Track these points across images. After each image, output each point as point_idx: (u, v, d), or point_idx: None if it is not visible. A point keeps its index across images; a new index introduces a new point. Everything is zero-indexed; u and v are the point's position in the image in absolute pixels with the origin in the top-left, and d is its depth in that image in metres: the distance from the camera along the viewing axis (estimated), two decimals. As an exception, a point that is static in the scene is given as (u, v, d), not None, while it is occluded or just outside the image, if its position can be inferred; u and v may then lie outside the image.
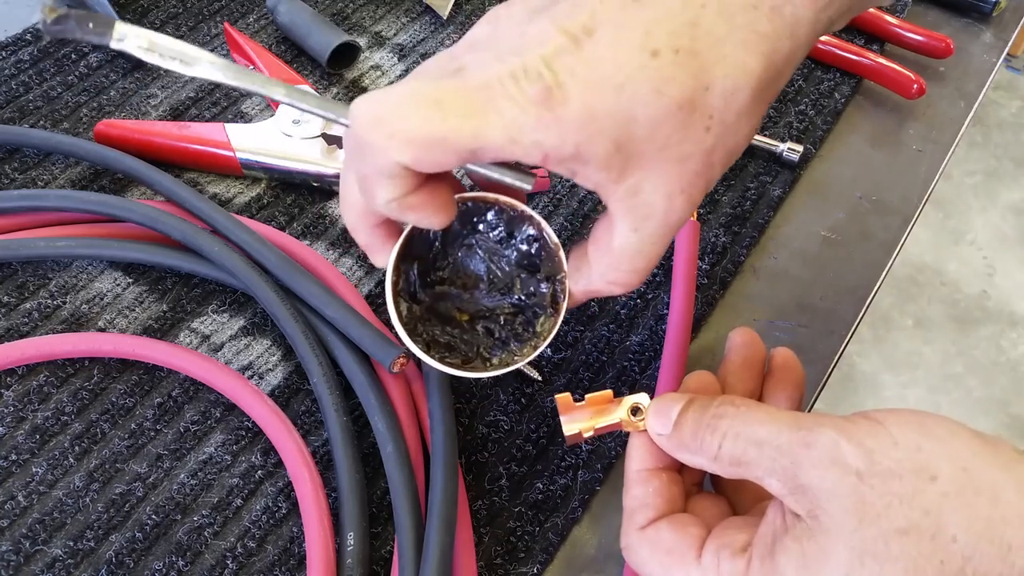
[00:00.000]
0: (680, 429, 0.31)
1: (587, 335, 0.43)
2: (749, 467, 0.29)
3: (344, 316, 0.40)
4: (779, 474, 0.28)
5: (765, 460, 0.28)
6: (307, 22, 0.53)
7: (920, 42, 0.55)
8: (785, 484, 0.28)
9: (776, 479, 0.28)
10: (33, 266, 0.44)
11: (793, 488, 0.27)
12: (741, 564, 0.28)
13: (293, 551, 0.36)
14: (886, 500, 0.26)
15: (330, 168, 0.47)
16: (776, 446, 0.28)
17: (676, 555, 0.30)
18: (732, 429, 0.29)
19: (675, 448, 0.31)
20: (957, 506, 0.26)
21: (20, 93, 0.52)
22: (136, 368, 0.41)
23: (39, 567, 0.35)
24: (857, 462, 0.27)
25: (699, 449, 0.30)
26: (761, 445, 0.28)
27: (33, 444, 0.38)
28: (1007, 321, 1.61)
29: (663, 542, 0.30)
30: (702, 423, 0.30)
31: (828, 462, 0.27)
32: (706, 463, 0.30)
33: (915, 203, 0.50)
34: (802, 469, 0.27)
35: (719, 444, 0.29)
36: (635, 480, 0.32)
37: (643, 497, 0.32)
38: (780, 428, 0.28)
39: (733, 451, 0.29)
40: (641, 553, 0.31)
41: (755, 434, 0.29)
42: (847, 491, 0.26)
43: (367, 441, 0.39)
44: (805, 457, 0.27)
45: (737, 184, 0.49)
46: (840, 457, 0.27)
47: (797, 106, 0.53)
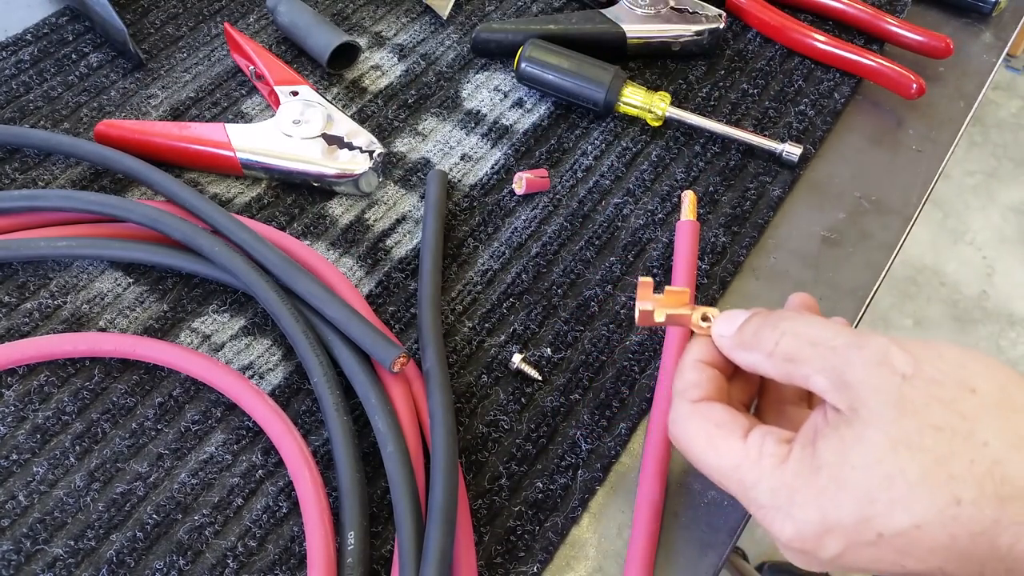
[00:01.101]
0: (743, 330, 0.33)
1: (587, 335, 0.43)
2: (800, 364, 0.30)
3: (344, 316, 0.40)
4: (828, 372, 0.29)
5: (817, 358, 0.30)
6: (307, 22, 0.54)
7: (920, 42, 0.55)
8: (832, 381, 0.29)
9: (824, 376, 0.29)
10: (34, 266, 0.44)
11: (838, 384, 0.29)
12: (784, 449, 0.30)
13: (293, 550, 0.36)
14: (926, 400, 0.27)
15: (330, 168, 0.47)
16: (831, 346, 0.30)
17: (725, 429, 0.31)
18: (792, 329, 0.31)
19: (734, 346, 0.33)
20: (993, 416, 0.27)
21: (20, 93, 0.52)
22: (137, 368, 0.41)
23: (40, 566, 0.35)
24: (904, 366, 0.28)
25: (757, 345, 0.32)
26: (816, 344, 0.30)
27: (34, 444, 0.38)
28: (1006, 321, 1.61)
29: (714, 417, 0.32)
30: (765, 323, 0.32)
31: (876, 362, 0.28)
32: (761, 359, 0.32)
33: (915, 203, 0.50)
34: (851, 366, 0.29)
35: (777, 340, 0.31)
36: (690, 367, 0.34)
37: (697, 380, 0.33)
38: (837, 332, 0.30)
39: (789, 347, 0.31)
40: (690, 424, 0.32)
41: (812, 335, 0.30)
42: (890, 387, 0.28)
43: (367, 441, 0.39)
44: (856, 356, 0.29)
45: (737, 184, 0.49)
46: (888, 359, 0.28)
47: (797, 106, 0.53)
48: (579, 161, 0.50)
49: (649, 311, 0.35)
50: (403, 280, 0.45)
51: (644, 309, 0.35)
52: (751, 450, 0.30)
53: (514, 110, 0.53)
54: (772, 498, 0.29)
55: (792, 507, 0.29)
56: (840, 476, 0.28)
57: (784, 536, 0.29)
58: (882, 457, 0.27)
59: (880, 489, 0.27)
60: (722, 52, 0.56)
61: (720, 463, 0.31)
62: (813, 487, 0.28)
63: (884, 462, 0.27)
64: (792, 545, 0.29)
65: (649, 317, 0.35)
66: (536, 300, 0.44)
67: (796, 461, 0.29)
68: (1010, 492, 0.26)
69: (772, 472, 0.30)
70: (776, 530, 0.29)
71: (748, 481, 0.30)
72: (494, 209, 0.48)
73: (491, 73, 0.55)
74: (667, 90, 0.54)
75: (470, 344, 0.42)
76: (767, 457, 0.30)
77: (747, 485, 0.30)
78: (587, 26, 0.54)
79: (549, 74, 0.51)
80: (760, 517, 0.30)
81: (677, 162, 0.50)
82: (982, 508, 0.26)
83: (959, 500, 0.26)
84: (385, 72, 0.54)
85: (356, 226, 0.47)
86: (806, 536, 0.29)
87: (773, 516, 0.29)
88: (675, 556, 0.37)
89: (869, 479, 0.27)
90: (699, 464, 0.32)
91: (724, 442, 0.31)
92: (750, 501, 0.30)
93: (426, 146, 0.51)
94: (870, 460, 0.27)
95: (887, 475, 0.27)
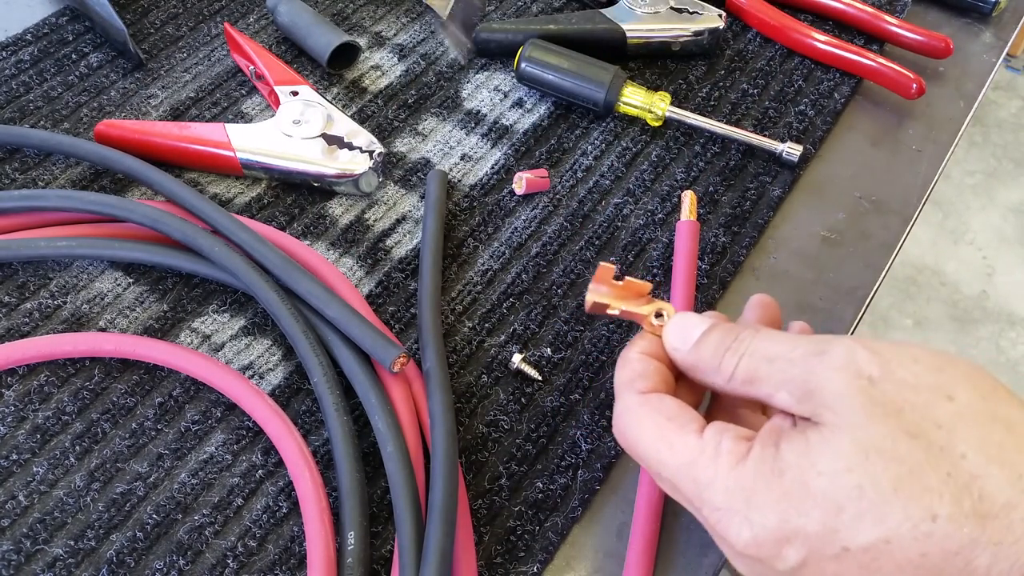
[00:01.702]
0: (700, 348, 0.31)
1: (587, 335, 0.43)
2: (760, 383, 0.28)
3: (344, 316, 0.40)
4: (788, 384, 0.27)
5: (776, 373, 0.28)
6: (307, 22, 0.54)
7: (920, 42, 0.55)
8: (793, 394, 0.27)
9: (786, 391, 0.28)
10: (34, 266, 0.44)
11: (802, 396, 0.27)
12: (742, 446, 0.28)
13: (293, 550, 0.36)
14: (898, 405, 0.25)
15: (330, 168, 0.47)
16: (789, 359, 0.28)
17: (677, 423, 0.29)
18: (749, 349, 0.29)
19: (690, 365, 0.31)
20: (971, 427, 0.25)
21: (20, 93, 0.52)
22: (137, 368, 0.41)
23: (40, 566, 0.35)
24: (871, 368, 0.26)
25: (716, 370, 0.30)
26: (774, 360, 0.28)
27: (34, 444, 0.38)
28: (1007, 321, 1.61)
29: (665, 409, 0.30)
30: (723, 345, 0.30)
31: (839, 366, 0.27)
32: (720, 383, 0.30)
33: (914, 203, 0.50)
34: (812, 374, 0.27)
35: (736, 364, 0.29)
36: (636, 359, 0.32)
37: (644, 371, 0.31)
38: (796, 344, 0.28)
39: (747, 368, 0.29)
40: (638, 416, 0.30)
41: (769, 351, 0.29)
42: (856, 391, 0.26)
43: (367, 441, 0.39)
44: (817, 363, 0.27)
45: (737, 184, 0.49)
46: (853, 362, 0.26)
47: (797, 106, 0.53)
48: (579, 161, 0.50)
49: (603, 304, 0.33)
50: (403, 280, 0.45)
51: (597, 301, 0.32)
52: (707, 446, 0.28)
53: (514, 110, 0.53)
54: (727, 499, 0.27)
55: (750, 510, 0.27)
56: (805, 482, 0.26)
57: (739, 542, 0.27)
58: (852, 465, 0.25)
59: (849, 499, 0.25)
60: (722, 52, 0.56)
61: (673, 459, 0.29)
62: (775, 491, 0.26)
63: (854, 470, 0.25)
64: (747, 552, 0.27)
65: (601, 308, 0.33)
66: (536, 300, 0.44)
67: (757, 461, 0.27)
68: (989, 510, 0.24)
69: (729, 471, 0.27)
70: (732, 535, 0.27)
71: (703, 479, 0.28)
72: (494, 209, 0.48)
73: (491, 73, 0.55)
74: (667, 90, 0.54)
75: (470, 344, 0.42)
76: (724, 455, 0.28)
77: (701, 484, 0.28)
78: (587, 26, 0.54)
79: (549, 74, 0.51)
80: (713, 521, 0.28)
81: (677, 162, 0.50)
82: (960, 526, 0.24)
83: (935, 516, 0.24)
84: (385, 72, 0.54)
85: (356, 226, 0.47)
86: (763, 543, 0.26)
87: (729, 520, 0.27)
88: (675, 556, 0.37)
89: (837, 487, 0.25)
90: (647, 461, 0.30)
91: (677, 436, 0.29)
92: (703, 502, 0.28)
93: (426, 146, 0.51)
94: (839, 467, 0.25)
95: (857, 484, 0.25)
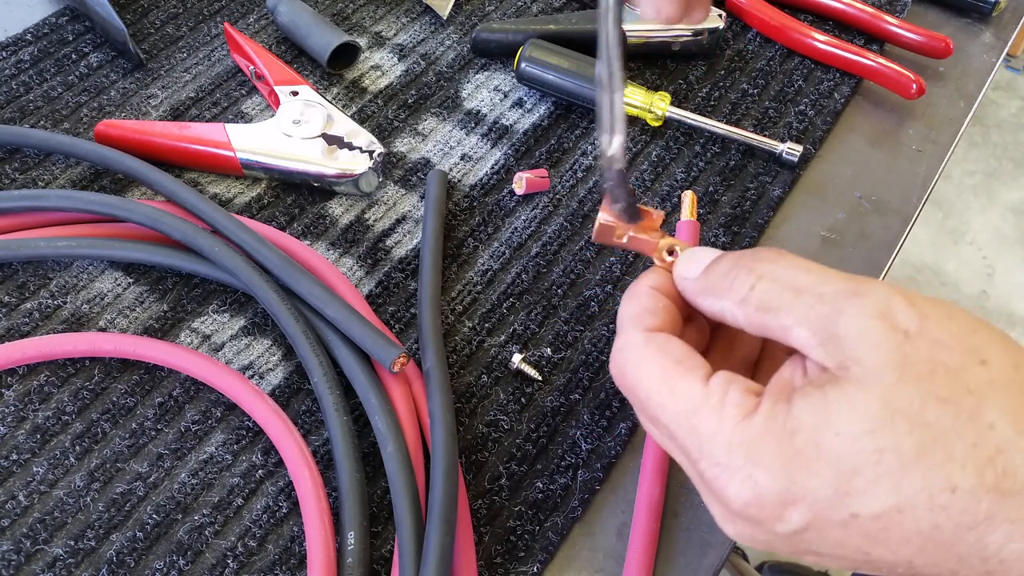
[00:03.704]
0: (711, 270, 0.29)
1: (587, 335, 0.43)
2: (778, 314, 0.26)
3: (344, 316, 0.40)
4: (812, 323, 0.25)
5: (801, 306, 0.26)
6: (307, 22, 0.54)
7: (920, 42, 0.55)
8: (816, 334, 0.25)
9: (807, 328, 0.25)
10: (34, 266, 0.44)
11: (825, 338, 0.25)
12: (751, 400, 0.26)
13: (294, 550, 0.36)
14: (931, 366, 0.24)
15: (330, 168, 0.47)
16: (818, 294, 0.26)
17: (683, 367, 0.27)
18: (770, 272, 0.27)
19: (699, 291, 0.29)
20: (1002, 396, 0.24)
21: (20, 93, 0.52)
22: (137, 368, 0.41)
23: (40, 566, 0.35)
24: (908, 322, 0.24)
25: (727, 290, 0.28)
26: (800, 292, 0.26)
27: (34, 444, 0.38)
28: (1007, 321, 1.60)
29: (672, 350, 0.28)
30: (738, 264, 0.28)
31: (876, 314, 0.24)
32: (730, 306, 0.28)
33: (914, 203, 0.50)
34: (843, 317, 0.25)
35: (752, 285, 0.27)
36: (644, 292, 0.30)
37: (653, 307, 0.29)
38: (827, 279, 0.26)
39: (766, 294, 0.26)
40: (642, 354, 0.28)
41: (796, 280, 0.26)
42: (890, 345, 0.24)
43: (367, 441, 0.39)
44: (850, 305, 0.25)
45: (737, 184, 0.49)
46: (890, 312, 0.24)
47: (797, 106, 0.53)
48: (579, 161, 0.50)
49: (611, 226, 0.31)
50: (403, 280, 0.45)
51: (606, 223, 0.31)
52: (712, 396, 0.26)
53: (514, 110, 0.53)
54: (729, 455, 0.25)
55: (755, 468, 0.25)
56: (820, 442, 0.24)
57: (739, 500, 0.25)
58: (876, 427, 0.23)
59: (867, 463, 0.23)
60: (722, 52, 0.56)
61: (674, 404, 0.27)
62: (785, 450, 0.24)
63: (877, 433, 0.23)
64: (747, 511, 0.25)
65: (609, 233, 0.31)
66: (536, 300, 0.44)
67: (766, 417, 0.25)
68: (1011, 486, 0.23)
69: (735, 424, 0.25)
70: (731, 493, 0.25)
71: (704, 430, 0.26)
72: (494, 209, 0.48)
73: (491, 73, 0.55)
74: (667, 90, 0.54)
75: (470, 344, 0.42)
76: (730, 406, 0.26)
77: (702, 435, 0.26)
78: (587, 26, 0.54)
79: (549, 74, 0.51)
80: (710, 476, 0.26)
81: (677, 162, 0.50)
82: (978, 500, 0.23)
83: (955, 487, 0.23)
84: (385, 72, 0.54)
85: (356, 226, 0.47)
86: (765, 504, 0.25)
87: (729, 476, 0.25)
88: (675, 556, 0.37)
89: (856, 450, 0.23)
90: (645, 403, 0.28)
91: (682, 381, 0.27)
92: (702, 455, 0.26)
93: (426, 146, 0.51)
94: (861, 429, 0.23)
95: (878, 448, 0.23)
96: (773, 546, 0.26)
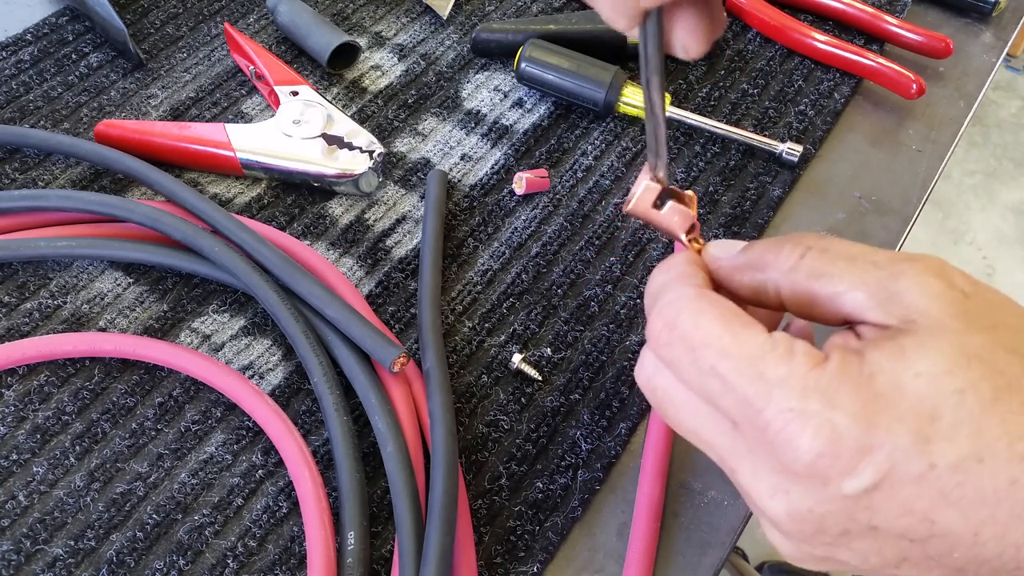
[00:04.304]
0: (751, 249, 0.28)
1: (587, 335, 0.43)
2: (831, 279, 0.26)
3: (344, 316, 0.40)
4: (869, 285, 0.25)
5: (855, 270, 0.25)
6: (307, 22, 0.54)
7: (920, 42, 0.55)
8: (874, 296, 0.25)
9: (863, 291, 0.25)
10: (34, 266, 0.44)
11: (885, 299, 0.25)
12: (818, 353, 0.25)
13: (294, 550, 0.36)
14: (992, 321, 0.24)
15: (330, 168, 0.47)
16: (872, 260, 0.25)
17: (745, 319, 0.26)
18: (820, 244, 0.27)
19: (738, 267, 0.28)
20: None
21: (20, 93, 0.52)
22: (137, 368, 0.41)
23: (40, 566, 0.35)
24: (964, 284, 0.24)
25: (773, 261, 0.27)
26: (854, 258, 0.26)
27: (34, 444, 0.38)
28: (1007, 321, 1.60)
29: (729, 304, 0.26)
30: (784, 240, 0.28)
31: (934, 273, 0.24)
32: (775, 276, 0.27)
33: (915, 203, 0.50)
34: (903, 277, 0.24)
35: (802, 255, 0.27)
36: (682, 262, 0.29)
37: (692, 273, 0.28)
38: (877, 250, 0.26)
39: (817, 261, 0.26)
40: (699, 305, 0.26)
41: (848, 250, 0.26)
42: (953, 298, 0.24)
43: (367, 441, 0.39)
44: (907, 267, 0.25)
45: (737, 184, 0.49)
46: (946, 273, 0.25)
47: (797, 106, 0.53)
48: (579, 161, 0.50)
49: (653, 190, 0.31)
50: (403, 280, 0.45)
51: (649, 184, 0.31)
52: (779, 344, 0.25)
53: (514, 110, 0.53)
54: (803, 399, 0.23)
55: (833, 411, 0.23)
56: (901, 383, 0.23)
57: (812, 450, 0.23)
58: (954, 368, 0.22)
59: (948, 405, 0.22)
60: (722, 52, 0.56)
61: (739, 349, 0.25)
62: (864, 393, 0.23)
63: (955, 374, 0.22)
64: (817, 464, 0.23)
65: (649, 201, 0.31)
66: (536, 300, 0.44)
67: (840, 364, 0.24)
68: None
69: (808, 371, 0.24)
70: (803, 442, 0.23)
71: (773, 376, 0.24)
72: (494, 209, 0.48)
73: (491, 73, 0.55)
74: (667, 90, 0.54)
75: (470, 344, 0.42)
76: (800, 355, 0.24)
77: (771, 381, 0.24)
78: (587, 26, 0.54)
79: (549, 74, 0.51)
80: (778, 426, 0.24)
81: (677, 162, 0.50)
82: None
83: None
84: (385, 72, 0.54)
85: (356, 226, 0.47)
86: (841, 453, 0.23)
87: (802, 423, 0.23)
88: (675, 556, 0.37)
89: (937, 390, 0.22)
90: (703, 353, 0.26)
91: (746, 329, 0.25)
92: (769, 401, 0.24)
93: (426, 146, 0.51)
94: (940, 369, 0.22)
95: (958, 389, 0.22)
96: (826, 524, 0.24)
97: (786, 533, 0.25)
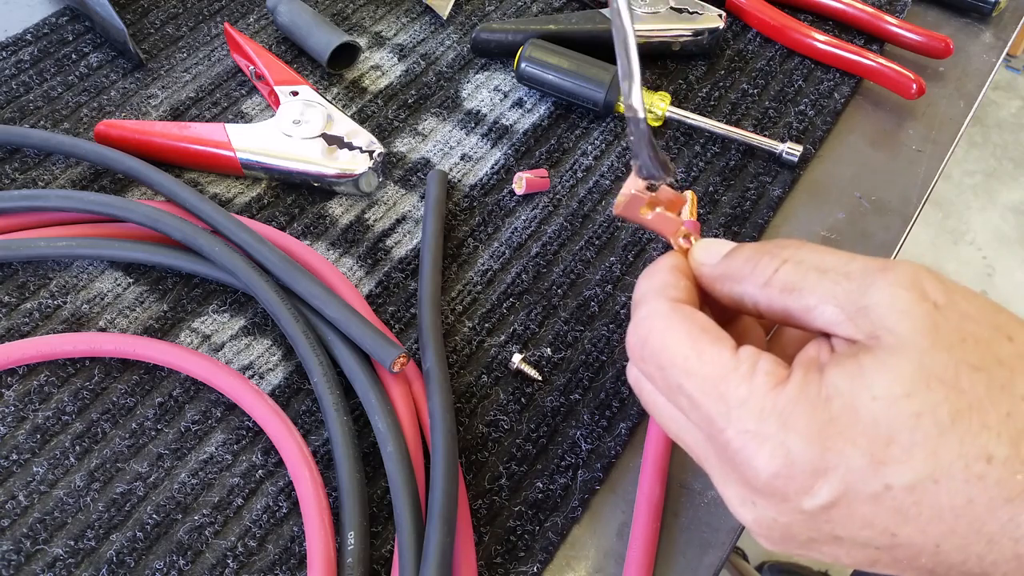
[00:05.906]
0: (731, 257, 0.28)
1: (587, 335, 0.43)
2: (804, 293, 0.26)
3: (344, 316, 0.40)
4: (839, 299, 0.25)
5: (827, 284, 0.25)
6: (307, 22, 0.54)
7: (920, 42, 0.55)
8: (844, 309, 0.25)
9: (834, 305, 0.25)
10: (34, 266, 0.44)
11: (854, 312, 0.24)
12: (781, 371, 0.25)
13: (294, 550, 0.36)
14: (961, 335, 0.23)
15: (330, 168, 0.47)
16: (844, 272, 0.25)
17: (712, 335, 0.26)
18: (795, 256, 0.27)
19: (718, 276, 0.29)
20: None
21: (20, 93, 0.52)
22: (137, 368, 0.41)
23: (40, 566, 0.35)
24: (936, 294, 0.24)
25: (750, 274, 0.27)
26: (826, 271, 0.26)
27: (34, 444, 0.38)
28: (1007, 321, 1.60)
29: (699, 320, 0.27)
30: (761, 250, 0.28)
31: (906, 285, 0.24)
32: (752, 290, 0.27)
33: (915, 203, 0.50)
34: (872, 289, 0.24)
35: (776, 268, 0.27)
36: (666, 270, 0.29)
37: (675, 282, 0.29)
38: (853, 259, 0.26)
39: (790, 275, 0.26)
40: (669, 322, 0.27)
41: (822, 262, 0.26)
42: (921, 313, 0.23)
43: (367, 441, 0.39)
44: (879, 278, 0.24)
45: (737, 184, 0.49)
46: (919, 284, 0.24)
47: (797, 106, 0.53)
48: (579, 161, 0.50)
49: (640, 199, 0.31)
50: (403, 280, 0.45)
51: (636, 193, 0.30)
52: (742, 364, 0.25)
53: (514, 110, 0.53)
54: (760, 422, 0.24)
55: (787, 434, 0.23)
56: (856, 407, 0.23)
57: (767, 471, 0.24)
58: (912, 391, 0.22)
59: (903, 428, 0.22)
60: (722, 52, 0.56)
61: (703, 370, 0.25)
62: (819, 416, 0.23)
63: (914, 397, 0.22)
64: (774, 484, 0.24)
65: (635, 206, 0.31)
66: (536, 300, 0.44)
67: (799, 385, 0.24)
68: None
69: (766, 392, 0.24)
70: (759, 463, 0.24)
71: (733, 397, 0.25)
72: (494, 209, 0.48)
73: (491, 73, 0.55)
74: (667, 90, 0.54)
75: (470, 344, 0.42)
76: (761, 375, 0.25)
77: (731, 402, 0.25)
78: (587, 26, 0.54)
79: (549, 74, 0.51)
80: (738, 445, 0.24)
81: (677, 162, 0.50)
82: (1014, 472, 0.22)
83: (990, 457, 0.22)
84: (385, 72, 0.54)
85: (356, 226, 0.47)
86: (796, 475, 0.23)
87: (759, 444, 0.24)
88: (675, 556, 0.37)
89: (893, 414, 0.22)
90: (670, 371, 0.26)
91: (711, 347, 0.26)
92: (730, 422, 0.25)
93: (426, 146, 0.51)
94: (898, 392, 0.23)
95: (915, 412, 0.22)
96: (792, 531, 0.25)
97: (757, 536, 0.27)
